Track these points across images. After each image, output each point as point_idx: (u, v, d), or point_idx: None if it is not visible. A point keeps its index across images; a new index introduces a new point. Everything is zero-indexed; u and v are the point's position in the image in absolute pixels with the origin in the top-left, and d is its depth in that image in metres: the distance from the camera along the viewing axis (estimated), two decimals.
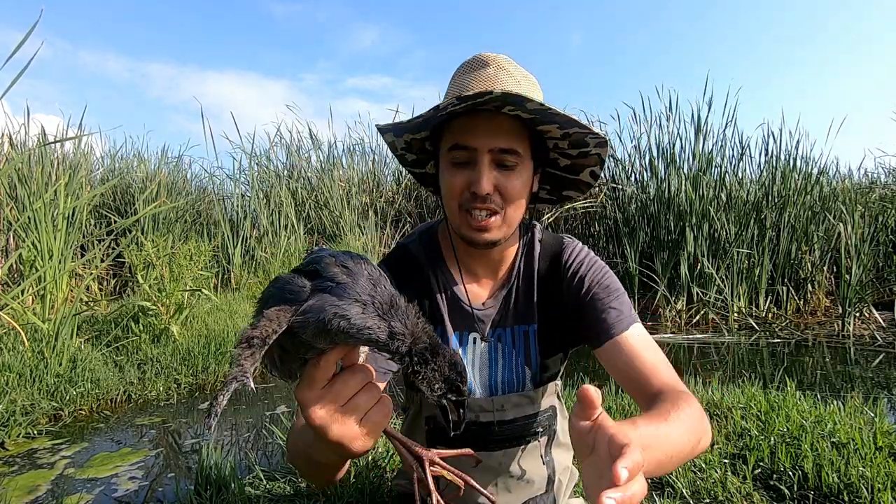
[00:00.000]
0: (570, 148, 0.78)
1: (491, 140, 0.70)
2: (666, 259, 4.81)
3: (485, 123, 0.70)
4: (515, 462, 0.85)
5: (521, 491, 0.87)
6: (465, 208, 0.73)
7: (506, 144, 0.71)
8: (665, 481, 1.48)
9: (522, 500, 0.88)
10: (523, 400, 0.83)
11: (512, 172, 0.72)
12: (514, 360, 0.83)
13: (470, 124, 0.71)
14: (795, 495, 1.39)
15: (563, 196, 0.89)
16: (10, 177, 4.27)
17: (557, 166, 0.83)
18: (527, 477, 0.87)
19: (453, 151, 0.73)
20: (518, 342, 0.83)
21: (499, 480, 0.85)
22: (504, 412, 0.82)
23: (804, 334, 3.96)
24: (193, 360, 2.87)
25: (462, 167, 0.73)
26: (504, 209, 0.74)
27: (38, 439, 2.09)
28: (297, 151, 6.91)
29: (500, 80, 0.72)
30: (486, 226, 0.73)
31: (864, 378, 2.82)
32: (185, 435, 2.17)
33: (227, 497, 1.44)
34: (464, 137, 0.71)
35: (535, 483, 0.88)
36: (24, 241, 3.22)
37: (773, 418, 1.77)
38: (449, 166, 0.74)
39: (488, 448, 0.83)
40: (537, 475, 0.88)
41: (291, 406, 2.51)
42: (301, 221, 5.83)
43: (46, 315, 2.77)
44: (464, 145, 0.71)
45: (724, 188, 5.03)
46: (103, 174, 6.14)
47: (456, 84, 0.76)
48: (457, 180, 0.73)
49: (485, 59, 0.75)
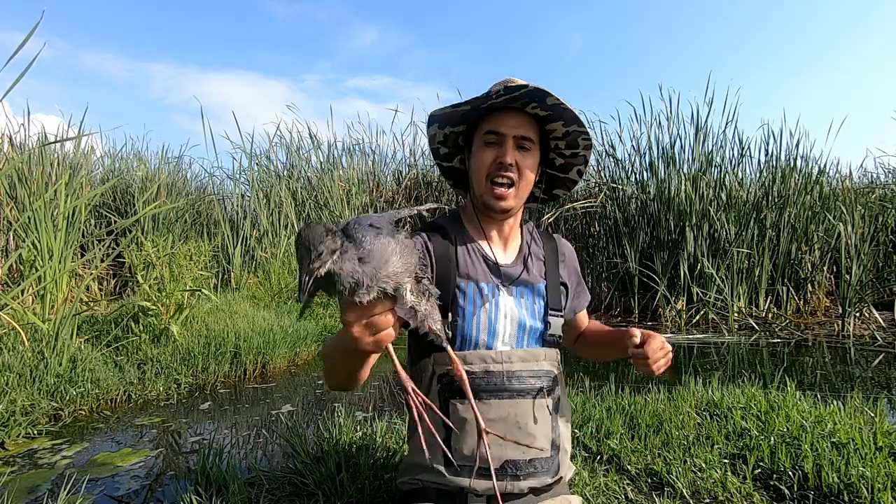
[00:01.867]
0: (566, 148, 1.03)
1: (515, 129, 0.96)
2: (666, 259, 4.81)
3: (513, 117, 0.96)
4: (527, 415, 0.92)
5: (530, 445, 0.91)
6: (491, 178, 0.96)
7: (526, 133, 0.96)
8: (665, 481, 1.48)
9: (529, 457, 0.91)
10: (528, 356, 0.95)
11: (527, 153, 0.98)
12: (537, 311, 1.00)
13: (502, 117, 0.96)
14: (795, 495, 1.39)
15: (553, 195, 1.14)
16: (9, 177, 4.27)
17: (553, 165, 1.08)
18: (535, 432, 0.92)
19: (488, 135, 0.97)
20: (538, 297, 1.01)
21: (507, 432, 0.90)
22: (511, 364, 0.93)
23: (804, 334, 3.96)
24: (193, 360, 2.87)
25: (493, 146, 0.97)
26: (518, 183, 0.97)
27: (38, 439, 2.09)
28: (297, 151, 6.92)
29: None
30: (504, 195, 0.97)
31: (864, 378, 2.82)
32: (185, 435, 2.17)
33: (227, 497, 1.43)
34: (497, 125, 0.96)
35: (541, 442, 0.92)
36: (24, 241, 3.22)
37: (773, 418, 1.77)
38: (482, 145, 0.97)
39: (500, 396, 0.92)
40: (544, 435, 0.93)
41: (291, 406, 2.51)
42: (301, 221, 5.83)
43: (46, 315, 2.77)
44: (496, 131, 0.96)
45: (724, 188, 5.03)
46: (103, 174, 6.14)
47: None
48: (488, 155, 0.97)
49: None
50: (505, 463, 0.90)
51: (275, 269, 4.96)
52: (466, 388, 0.80)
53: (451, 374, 0.89)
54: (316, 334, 3.65)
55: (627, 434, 1.75)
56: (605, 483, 1.46)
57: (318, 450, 1.70)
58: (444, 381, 0.93)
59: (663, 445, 1.67)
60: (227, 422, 2.32)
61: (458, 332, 0.92)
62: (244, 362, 3.02)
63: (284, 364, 3.26)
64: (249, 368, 3.04)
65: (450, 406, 0.91)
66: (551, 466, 0.94)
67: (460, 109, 0.95)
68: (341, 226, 0.64)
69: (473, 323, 0.93)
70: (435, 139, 1.04)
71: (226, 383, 2.91)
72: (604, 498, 1.41)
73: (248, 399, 2.65)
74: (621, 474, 1.54)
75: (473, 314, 0.93)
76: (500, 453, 0.90)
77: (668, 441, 1.70)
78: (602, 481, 1.46)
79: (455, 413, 0.90)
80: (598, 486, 1.44)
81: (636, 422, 1.85)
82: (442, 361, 0.93)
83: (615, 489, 1.44)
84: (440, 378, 0.93)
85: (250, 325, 3.28)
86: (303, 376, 3.10)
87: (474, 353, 0.92)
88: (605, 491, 1.43)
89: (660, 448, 1.65)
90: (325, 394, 2.72)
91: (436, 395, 0.93)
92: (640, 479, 1.50)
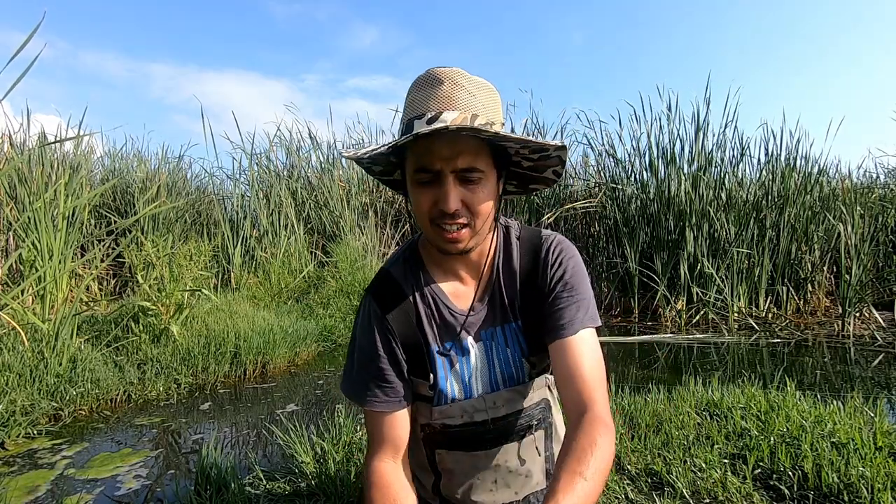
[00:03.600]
0: (531, 153, 0.80)
1: (453, 162, 0.72)
2: (666, 259, 4.82)
3: (446, 147, 0.72)
4: (514, 457, 0.87)
5: (522, 486, 0.88)
6: (437, 223, 0.76)
7: (467, 164, 0.73)
8: (665, 481, 1.48)
9: (523, 495, 0.89)
10: (514, 395, 0.85)
11: (476, 186, 0.75)
12: (511, 356, 0.86)
13: (431, 147, 0.72)
14: (795, 495, 1.39)
15: (530, 188, 0.91)
16: (10, 177, 4.27)
17: (521, 166, 0.84)
18: (526, 472, 0.88)
19: (419, 174, 0.74)
20: (510, 338, 0.86)
21: (498, 477, 0.87)
22: (497, 409, 0.84)
23: (804, 334, 3.96)
24: (193, 360, 2.87)
25: (428, 186, 0.75)
26: (473, 221, 0.76)
27: (38, 439, 2.09)
28: (297, 151, 6.92)
29: (454, 99, 0.73)
30: (458, 237, 0.77)
31: (864, 378, 2.82)
32: (185, 435, 2.17)
33: (227, 497, 1.44)
34: (428, 161, 0.73)
35: (535, 477, 0.89)
36: (24, 241, 3.22)
37: (772, 418, 1.77)
38: (416, 186, 0.76)
39: (485, 447, 0.86)
40: (536, 469, 0.89)
41: (295, 405, 2.51)
42: (301, 221, 5.83)
43: (46, 315, 2.77)
44: (428, 168, 0.73)
45: (723, 188, 5.03)
46: (103, 174, 6.14)
47: (412, 104, 0.76)
48: (425, 199, 0.76)
49: (438, 75, 0.75)
50: None
51: (275, 269, 4.96)
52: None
53: (434, 425, 0.86)
54: (316, 334, 3.65)
55: (627, 434, 1.75)
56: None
57: (319, 450, 1.70)
58: (427, 431, 0.89)
59: (663, 445, 1.67)
60: (227, 422, 2.32)
61: (437, 389, 0.85)
62: (244, 362, 3.02)
63: (284, 364, 3.26)
64: (249, 368, 3.04)
65: (436, 456, 0.89)
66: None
67: (373, 154, 0.73)
68: None
69: (447, 385, 0.85)
70: (362, 161, 0.81)
71: (226, 383, 2.91)
72: (604, 498, 1.41)
73: (248, 399, 2.65)
74: (621, 474, 1.54)
75: (446, 378, 0.85)
76: (493, 499, 0.89)
77: (668, 441, 1.70)
78: None
79: (442, 462, 0.89)
80: None
81: (636, 422, 1.86)
82: (424, 412, 0.87)
83: (615, 489, 1.44)
84: (423, 427, 0.89)
85: (250, 325, 3.28)
86: (303, 376, 3.10)
87: (455, 406, 0.84)
88: (605, 491, 1.43)
89: (660, 448, 1.65)
90: (325, 394, 2.72)
91: (421, 443, 0.90)
92: (640, 479, 1.50)
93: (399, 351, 0.84)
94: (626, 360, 3.39)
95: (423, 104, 0.74)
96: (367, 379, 0.83)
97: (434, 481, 0.91)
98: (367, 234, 5.59)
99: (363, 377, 0.83)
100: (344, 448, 1.67)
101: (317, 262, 5.39)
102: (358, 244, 5.29)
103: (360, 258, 4.95)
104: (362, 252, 5.16)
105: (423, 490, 0.93)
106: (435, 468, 0.90)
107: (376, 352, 0.83)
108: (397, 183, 0.92)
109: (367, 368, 0.83)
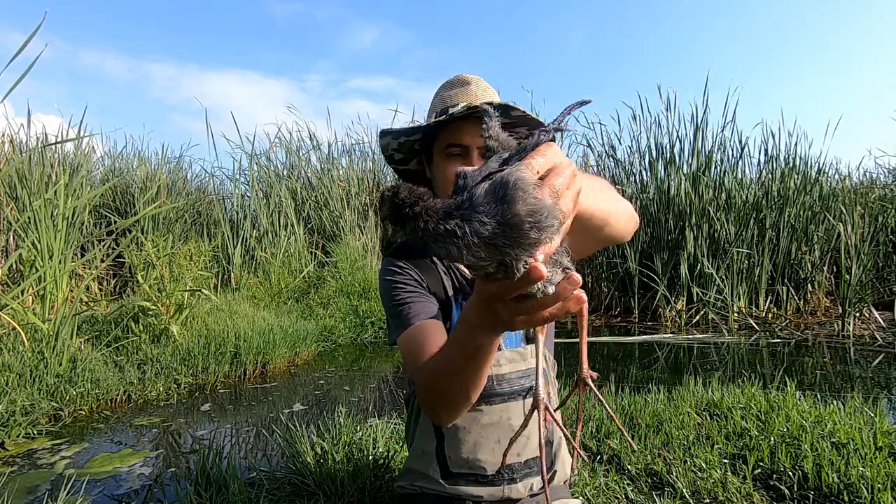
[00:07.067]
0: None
1: (479, 139, 0.88)
2: (666, 259, 4.82)
3: (474, 127, 0.90)
4: (517, 417, 0.92)
5: (523, 447, 0.92)
6: None
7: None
8: (665, 481, 1.48)
9: (525, 458, 0.92)
10: (515, 356, 0.95)
11: None
12: None
13: (462, 128, 0.91)
14: (795, 495, 1.39)
15: None
16: (10, 177, 4.27)
17: None
18: (527, 433, 0.91)
19: (450, 148, 0.92)
20: None
21: (501, 436, 0.91)
22: (500, 366, 0.93)
23: (804, 334, 3.96)
24: (193, 360, 2.87)
25: (457, 158, 0.92)
26: None
27: (38, 439, 2.09)
28: (297, 151, 6.92)
29: (481, 97, 0.94)
30: None
31: (864, 378, 2.82)
32: (185, 435, 2.17)
33: (227, 497, 1.43)
34: (459, 138, 0.91)
35: (534, 440, 0.92)
36: (24, 241, 3.22)
37: (773, 418, 1.77)
38: (445, 158, 0.93)
39: (490, 402, 0.92)
40: (536, 433, 0.91)
41: (301, 405, 2.51)
42: (301, 221, 5.83)
43: (46, 315, 2.77)
44: (458, 143, 0.91)
45: (723, 188, 5.03)
46: (103, 174, 6.14)
47: (444, 99, 0.96)
48: (451, 170, 0.88)
49: (466, 78, 0.97)
50: (501, 468, 0.91)
51: (275, 270, 4.96)
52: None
53: None
54: (316, 334, 3.65)
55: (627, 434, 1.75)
56: (605, 483, 1.46)
57: (319, 450, 1.70)
58: None
59: (663, 445, 1.67)
60: (228, 422, 2.32)
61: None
62: (244, 362, 3.02)
63: (284, 364, 3.26)
64: (249, 368, 3.04)
65: None
66: (546, 460, 0.95)
67: (420, 127, 0.94)
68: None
69: None
70: (389, 147, 1.00)
71: (226, 383, 2.91)
72: (604, 498, 1.41)
73: (248, 399, 2.65)
74: (621, 474, 1.54)
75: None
76: (496, 459, 0.91)
77: (668, 441, 1.70)
78: (602, 481, 1.46)
79: None
80: (599, 486, 1.44)
81: (636, 422, 1.86)
82: None
83: (615, 489, 1.44)
84: None
85: (250, 326, 3.28)
86: (303, 376, 3.10)
87: None
88: (606, 491, 1.43)
89: (660, 448, 1.65)
90: (325, 394, 2.72)
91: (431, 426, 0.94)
92: (640, 479, 1.50)
93: (426, 287, 0.95)
94: (626, 360, 3.39)
95: (455, 98, 0.95)
96: (409, 302, 0.91)
97: (437, 446, 0.94)
98: (368, 234, 5.59)
99: (405, 310, 0.90)
100: (344, 448, 1.67)
101: (317, 262, 5.38)
102: (358, 244, 5.29)
103: (360, 258, 4.95)
104: (362, 252, 5.16)
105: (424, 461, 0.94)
106: (439, 429, 0.93)
107: (409, 283, 0.93)
108: (410, 173, 1.06)
109: (407, 298, 0.91)
